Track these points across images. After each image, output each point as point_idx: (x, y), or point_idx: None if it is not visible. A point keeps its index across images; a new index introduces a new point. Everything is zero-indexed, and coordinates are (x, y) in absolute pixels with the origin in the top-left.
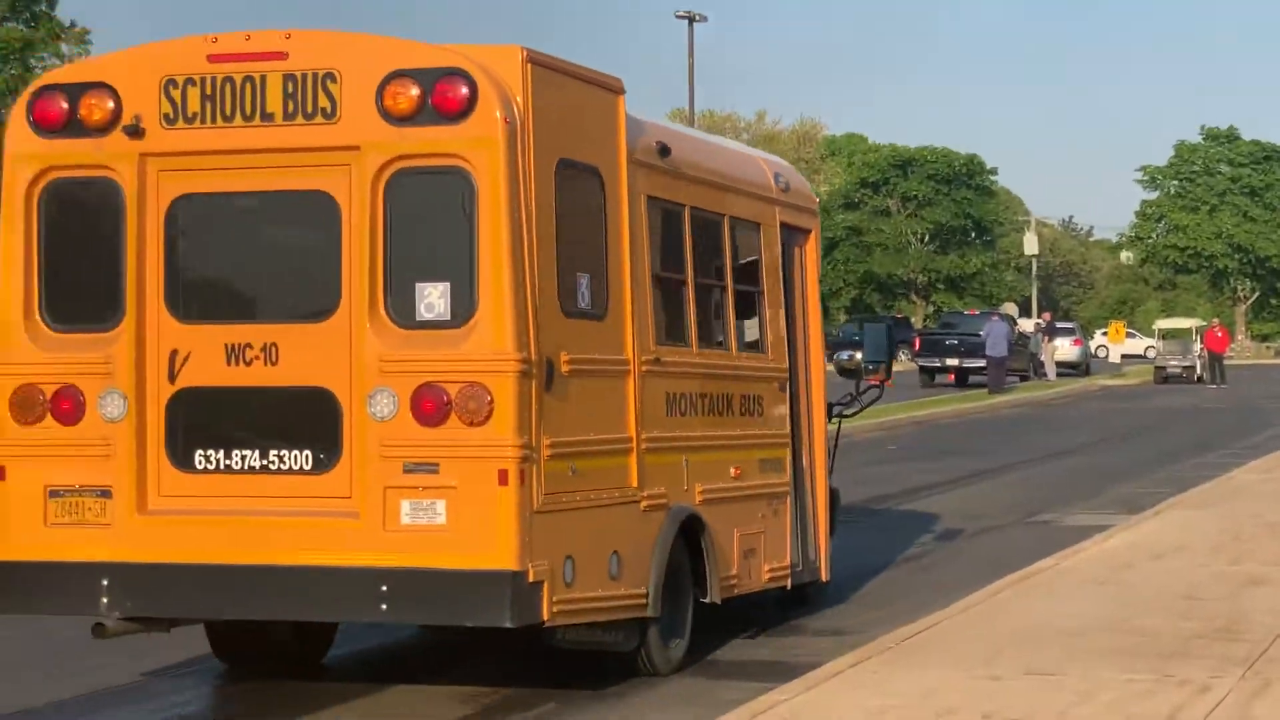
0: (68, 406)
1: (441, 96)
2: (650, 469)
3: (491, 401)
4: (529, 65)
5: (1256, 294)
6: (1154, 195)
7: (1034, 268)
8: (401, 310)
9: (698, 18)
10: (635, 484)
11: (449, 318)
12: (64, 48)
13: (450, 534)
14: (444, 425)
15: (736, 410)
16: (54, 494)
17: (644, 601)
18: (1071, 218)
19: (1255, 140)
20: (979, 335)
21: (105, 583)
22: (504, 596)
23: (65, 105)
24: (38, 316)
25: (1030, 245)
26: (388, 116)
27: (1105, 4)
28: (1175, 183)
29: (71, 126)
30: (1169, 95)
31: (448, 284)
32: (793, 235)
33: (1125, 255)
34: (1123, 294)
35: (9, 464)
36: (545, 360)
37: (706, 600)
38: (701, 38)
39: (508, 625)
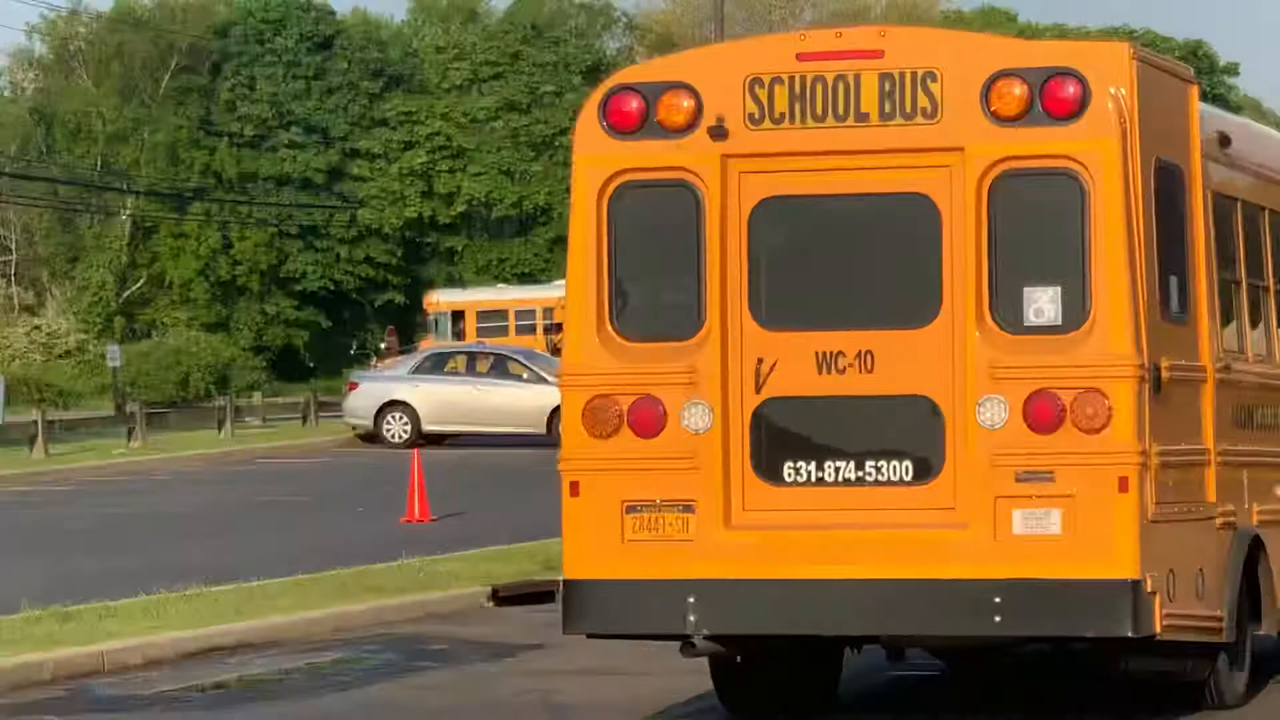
0: (647, 418)
1: (1051, 97)
2: (1222, 484)
3: (1110, 407)
4: (1135, 63)
5: None
6: None
7: None
8: (1009, 315)
9: None
10: (1212, 499)
11: (1059, 323)
12: None
13: (1067, 543)
14: (1058, 432)
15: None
16: (631, 509)
17: (1220, 625)
18: None
19: None
20: None
21: (691, 600)
22: (1125, 605)
23: (641, 105)
24: (610, 327)
25: None
26: (993, 117)
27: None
28: None
29: (648, 128)
30: None
31: (1058, 288)
32: None
33: None
34: None
35: (581, 478)
36: (1154, 366)
37: (1260, 632)
38: None
39: (1128, 635)
